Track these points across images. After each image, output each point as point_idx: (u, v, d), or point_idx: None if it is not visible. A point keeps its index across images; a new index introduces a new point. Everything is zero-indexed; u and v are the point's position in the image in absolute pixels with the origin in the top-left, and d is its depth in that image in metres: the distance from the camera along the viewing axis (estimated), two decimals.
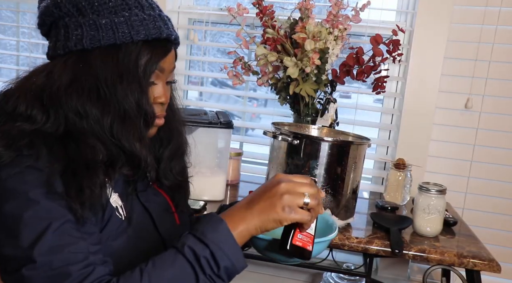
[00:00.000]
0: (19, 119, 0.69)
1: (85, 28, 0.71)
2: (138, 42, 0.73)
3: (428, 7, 1.66)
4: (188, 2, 1.96)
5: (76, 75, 0.71)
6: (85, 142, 0.69)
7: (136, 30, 0.72)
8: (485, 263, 1.17)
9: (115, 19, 0.72)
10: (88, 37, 0.71)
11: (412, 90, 1.71)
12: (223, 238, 0.65)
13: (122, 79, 0.71)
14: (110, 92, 0.71)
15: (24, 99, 0.70)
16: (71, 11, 0.72)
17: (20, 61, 2.21)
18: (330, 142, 1.20)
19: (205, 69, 1.97)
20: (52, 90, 0.70)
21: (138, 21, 0.73)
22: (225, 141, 1.45)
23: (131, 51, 0.72)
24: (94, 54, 0.71)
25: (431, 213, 1.27)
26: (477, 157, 1.71)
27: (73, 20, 0.72)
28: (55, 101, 0.70)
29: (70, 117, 0.70)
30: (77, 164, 0.67)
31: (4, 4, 2.14)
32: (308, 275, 1.86)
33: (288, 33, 1.52)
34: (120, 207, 0.75)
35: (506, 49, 1.65)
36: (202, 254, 0.64)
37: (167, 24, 0.77)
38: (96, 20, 0.71)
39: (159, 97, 0.78)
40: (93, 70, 0.71)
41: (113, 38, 0.71)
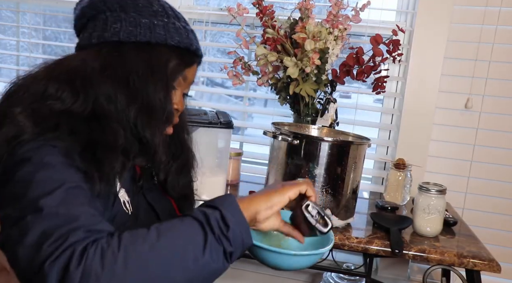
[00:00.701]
0: (49, 99, 0.70)
1: (124, 23, 0.76)
2: (170, 46, 0.77)
3: (428, 7, 1.66)
4: (188, 2, 1.96)
5: (109, 63, 0.74)
6: (108, 125, 0.71)
7: (171, 35, 0.77)
8: (485, 263, 1.17)
9: (154, 21, 0.77)
10: (126, 31, 0.75)
11: (412, 90, 1.71)
12: (232, 206, 0.67)
13: (153, 75, 0.75)
14: (140, 85, 0.74)
15: (56, 80, 0.72)
16: (114, 7, 0.77)
17: (20, 61, 2.21)
18: (330, 142, 1.20)
19: (205, 69, 1.97)
20: (85, 74, 0.73)
21: (173, 29, 0.78)
22: (225, 141, 1.45)
23: (164, 52, 0.77)
24: (128, 47, 0.75)
25: (431, 213, 1.27)
26: (477, 157, 1.71)
27: (114, 15, 0.77)
28: (87, 84, 0.72)
29: (100, 101, 0.72)
30: (98, 145, 0.69)
31: (4, 4, 2.14)
32: (308, 275, 1.86)
33: (288, 33, 1.52)
34: (127, 202, 0.77)
35: (506, 49, 1.65)
36: (212, 215, 0.64)
37: (197, 39, 0.83)
38: (137, 18, 0.76)
39: (176, 103, 0.81)
40: (127, 61, 0.74)
41: (149, 37, 0.76)
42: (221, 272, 0.65)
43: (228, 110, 1.59)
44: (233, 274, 1.90)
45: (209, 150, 1.42)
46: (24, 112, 0.68)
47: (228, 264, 0.65)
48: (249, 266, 1.88)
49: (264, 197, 0.73)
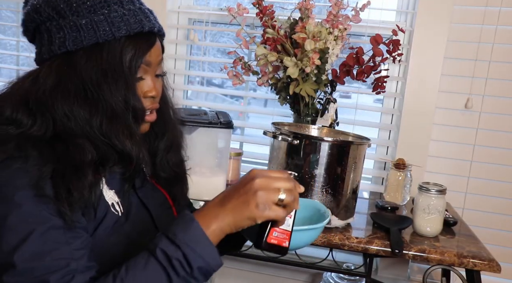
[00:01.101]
0: (5, 123, 0.69)
1: (67, 30, 0.71)
2: (120, 39, 0.72)
3: (428, 7, 1.66)
4: (188, 2, 1.96)
5: (61, 78, 0.70)
6: (73, 142, 0.69)
7: (117, 26, 0.71)
8: (485, 263, 1.17)
9: (95, 17, 0.71)
10: (71, 39, 0.70)
11: (412, 90, 1.71)
12: (195, 238, 0.64)
13: (107, 77, 0.70)
14: (97, 92, 0.70)
15: (10, 103, 0.70)
16: (51, 14, 0.72)
17: (20, 61, 2.21)
18: (330, 142, 1.20)
19: (205, 69, 1.97)
20: (38, 94, 0.70)
21: (118, 17, 0.72)
22: (225, 141, 1.45)
23: (114, 48, 0.71)
24: (78, 55, 0.71)
25: (431, 213, 1.27)
26: (477, 157, 1.71)
27: (54, 23, 0.72)
28: (41, 104, 0.69)
29: (58, 120, 0.69)
30: (66, 166, 0.67)
31: (4, 4, 2.14)
32: (308, 275, 1.86)
33: (288, 33, 1.52)
34: (117, 204, 0.75)
35: (506, 49, 1.65)
36: (174, 256, 0.62)
37: (148, 17, 0.76)
38: (76, 21, 0.71)
39: (149, 91, 0.77)
40: (78, 71, 0.70)
41: (95, 37, 0.70)
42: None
43: (227, 110, 1.59)
44: (233, 274, 1.90)
45: (209, 150, 1.42)
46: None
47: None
48: (249, 266, 1.88)
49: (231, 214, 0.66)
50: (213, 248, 0.65)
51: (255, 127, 1.93)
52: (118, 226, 0.74)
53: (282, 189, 0.66)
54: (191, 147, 0.97)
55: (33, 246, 0.62)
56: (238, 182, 0.70)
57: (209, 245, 0.64)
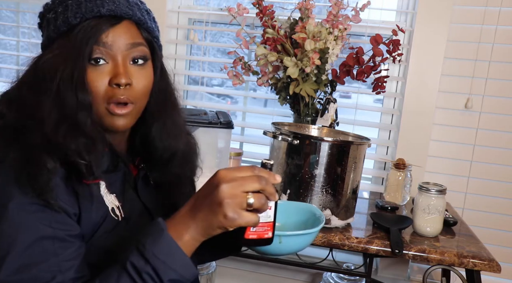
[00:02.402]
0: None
1: (45, 28, 0.75)
2: (77, 26, 0.70)
3: (428, 7, 1.66)
4: (188, 2, 1.96)
5: (31, 70, 0.72)
6: (29, 130, 0.67)
7: (73, 13, 0.70)
8: (485, 263, 1.17)
9: (59, 9, 0.72)
10: (46, 33, 0.74)
11: (412, 90, 1.71)
12: (166, 249, 0.62)
13: (64, 65, 0.68)
14: (50, 78, 0.68)
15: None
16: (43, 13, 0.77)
17: (20, 61, 2.21)
18: (330, 142, 1.20)
19: (205, 69, 1.97)
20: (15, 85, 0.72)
21: (76, 6, 0.71)
22: (225, 141, 1.45)
23: (73, 35, 0.70)
24: (48, 50, 0.73)
25: (431, 213, 1.27)
26: (477, 157, 1.71)
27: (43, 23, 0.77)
28: (14, 95, 0.71)
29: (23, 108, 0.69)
30: (25, 152, 0.65)
31: (4, 4, 2.14)
32: (308, 275, 1.86)
33: (288, 33, 1.52)
34: (117, 208, 0.75)
35: (506, 49, 1.65)
36: (144, 270, 0.61)
37: (115, 2, 0.72)
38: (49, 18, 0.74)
39: (114, 77, 0.71)
40: (44, 59, 0.71)
41: (56, 30, 0.72)
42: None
43: (227, 110, 1.59)
44: (233, 274, 1.90)
45: (209, 150, 1.42)
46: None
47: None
48: (249, 266, 1.88)
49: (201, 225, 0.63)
50: (186, 258, 0.63)
51: (255, 127, 1.92)
52: (118, 230, 0.74)
53: (250, 193, 0.62)
54: None
55: (19, 257, 0.61)
56: (204, 188, 0.66)
57: (182, 256, 0.62)
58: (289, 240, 0.76)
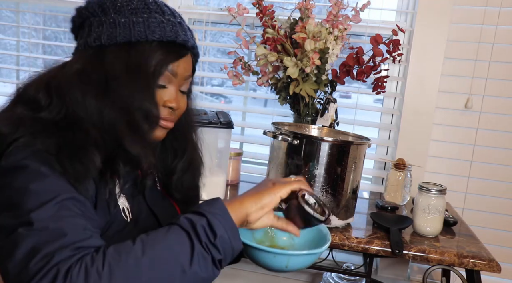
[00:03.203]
0: (25, 102, 0.73)
1: (105, 26, 0.75)
2: (152, 42, 0.74)
3: (428, 7, 1.66)
4: (188, 2, 1.96)
5: (85, 66, 0.73)
6: (79, 127, 0.70)
7: (151, 30, 0.74)
8: (485, 263, 1.17)
9: (134, 19, 0.74)
10: (106, 34, 0.74)
11: (412, 90, 1.71)
12: (220, 211, 0.66)
13: (130, 74, 0.72)
14: (117, 87, 0.72)
15: (35, 83, 0.75)
16: (96, 11, 0.76)
17: (20, 61, 2.21)
18: (330, 142, 1.20)
19: (205, 69, 1.97)
20: (59, 77, 0.73)
21: (155, 23, 0.75)
22: (225, 141, 1.45)
23: (144, 49, 0.74)
24: (109, 49, 0.74)
25: (431, 213, 1.27)
26: (477, 157, 1.71)
27: (96, 19, 0.76)
28: (59, 87, 0.72)
29: (70, 106, 0.71)
30: (70, 146, 0.68)
31: (4, 4, 2.14)
32: (308, 275, 1.86)
33: (288, 33, 1.52)
34: (127, 209, 0.76)
35: (506, 49, 1.65)
36: (199, 222, 0.63)
37: (186, 31, 0.79)
38: (116, 18, 0.74)
39: (169, 101, 0.78)
40: (104, 63, 0.73)
41: (129, 36, 0.73)
42: (211, 280, 0.64)
43: (227, 110, 1.59)
44: (233, 274, 1.90)
45: (209, 149, 1.41)
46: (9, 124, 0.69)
47: (218, 271, 0.64)
48: (249, 266, 1.88)
49: (254, 197, 0.71)
50: (235, 225, 0.66)
51: (255, 127, 1.92)
52: (127, 232, 0.74)
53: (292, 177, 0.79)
54: None
55: (52, 209, 0.62)
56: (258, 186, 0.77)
57: (232, 221, 0.66)
58: (296, 259, 0.77)
